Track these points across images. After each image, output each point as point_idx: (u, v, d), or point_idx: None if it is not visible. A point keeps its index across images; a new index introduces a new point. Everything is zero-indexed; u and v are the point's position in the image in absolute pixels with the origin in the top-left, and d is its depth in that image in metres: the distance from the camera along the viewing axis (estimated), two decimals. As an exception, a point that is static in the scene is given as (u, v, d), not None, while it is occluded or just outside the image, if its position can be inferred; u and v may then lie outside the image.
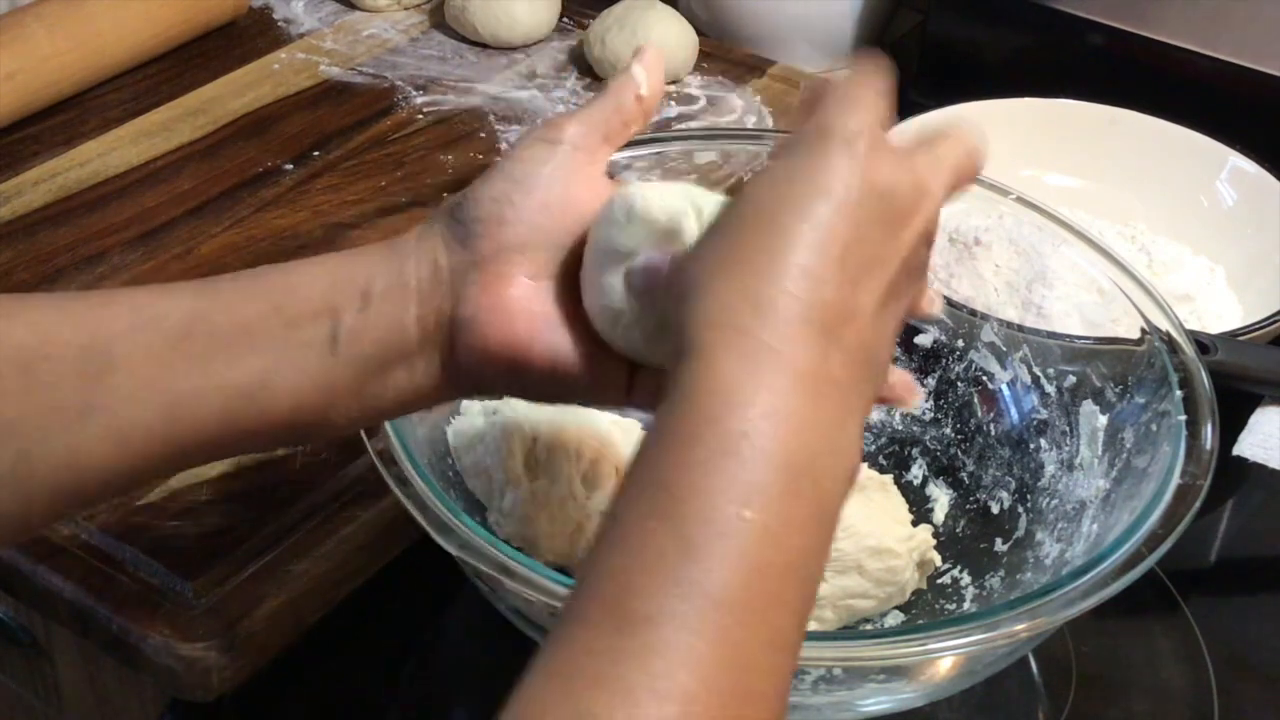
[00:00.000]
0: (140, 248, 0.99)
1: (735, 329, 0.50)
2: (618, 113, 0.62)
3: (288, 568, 0.76)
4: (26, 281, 0.95)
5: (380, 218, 1.02)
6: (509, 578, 0.61)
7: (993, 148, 1.04)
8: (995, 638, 0.62)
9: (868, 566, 0.75)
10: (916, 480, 0.85)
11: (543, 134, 0.61)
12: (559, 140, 0.60)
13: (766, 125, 1.13)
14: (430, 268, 0.59)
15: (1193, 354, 0.73)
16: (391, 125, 1.12)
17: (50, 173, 1.05)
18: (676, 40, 1.17)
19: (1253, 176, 1.03)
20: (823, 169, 0.53)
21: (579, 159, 0.60)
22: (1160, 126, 1.06)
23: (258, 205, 1.03)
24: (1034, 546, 0.77)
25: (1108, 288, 0.79)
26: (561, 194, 0.59)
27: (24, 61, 1.08)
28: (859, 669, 0.66)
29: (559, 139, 0.60)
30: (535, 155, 0.60)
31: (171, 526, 0.78)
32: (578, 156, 0.60)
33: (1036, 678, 0.78)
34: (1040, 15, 1.17)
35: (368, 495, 0.80)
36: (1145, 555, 0.64)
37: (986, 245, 0.90)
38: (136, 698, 0.82)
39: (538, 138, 0.60)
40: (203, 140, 1.09)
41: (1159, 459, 0.70)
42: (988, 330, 0.84)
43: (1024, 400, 0.82)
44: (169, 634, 0.73)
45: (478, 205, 0.59)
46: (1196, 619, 0.81)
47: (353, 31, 1.23)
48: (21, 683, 0.90)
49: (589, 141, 0.61)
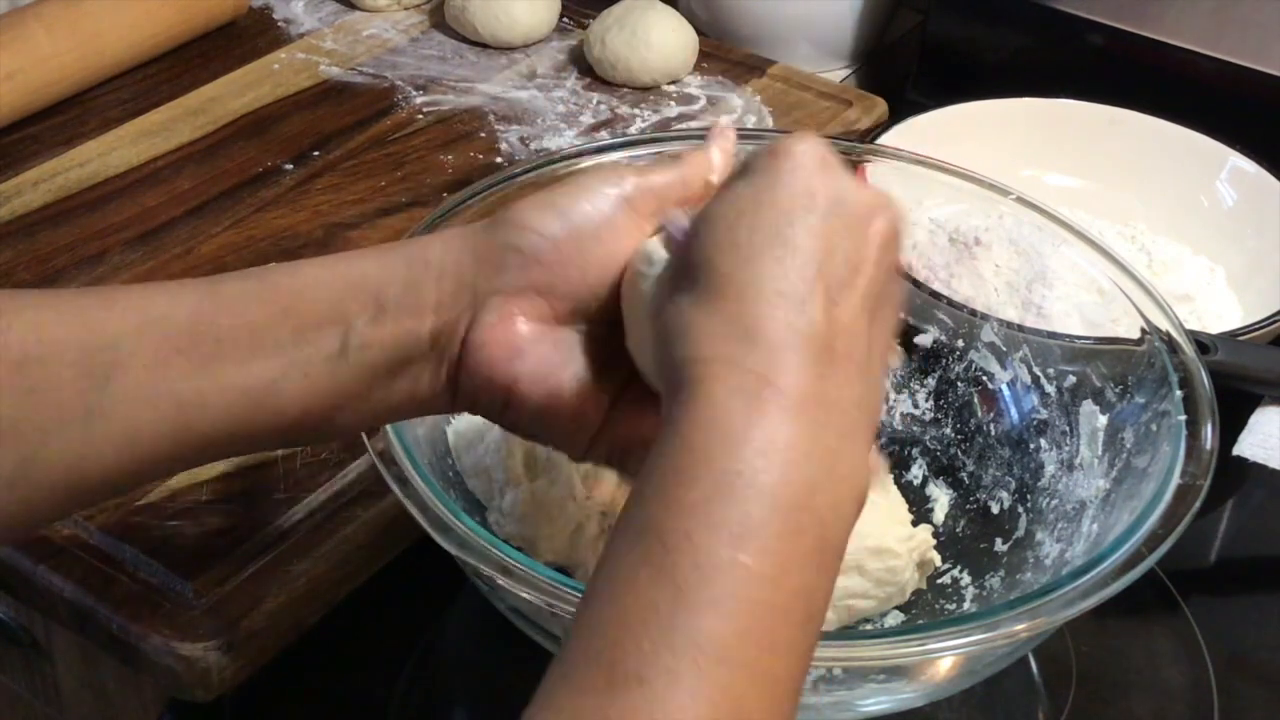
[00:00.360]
0: (140, 248, 0.99)
1: (723, 362, 0.50)
2: (683, 188, 0.61)
3: (288, 568, 0.76)
4: (26, 281, 0.95)
5: (380, 218, 1.02)
6: (509, 578, 0.61)
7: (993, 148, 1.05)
8: (995, 638, 0.62)
9: (868, 566, 0.75)
10: (916, 480, 0.85)
11: (606, 179, 0.60)
12: (618, 192, 0.59)
13: (766, 125, 1.13)
14: (454, 283, 0.58)
15: (1193, 354, 0.73)
16: (391, 125, 1.12)
17: (50, 173, 1.05)
18: (676, 40, 1.17)
19: (1253, 176, 1.03)
20: (780, 189, 0.53)
21: (628, 218, 0.59)
22: (1160, 126, 1.06)
23: (258, 205, 1.03)
24: (1034, 546, 0.77)
25: (1108, 288, 0.79)
26: (602, 252, 0.59)
27: (24, 61, 1.08)
28: (859, 669, 0.66)
29: (619, 191, 0.59)
30: (591, 200, 0.59)
31: (171, 526, 0.78)
32: (629, 215, 0.59)
33: (1036, 678, 0.78)
34: (1040, 15, 1.17)
35: (368, 495, 0.80)
36: (1145, 555, 0.64)
37: (986, 245, 0.90)
38: (136, 698, 0.82)
39: (600, 182, 0.59)
40: (203, 140, 1.09)
41: (1159, 459, 0.70)
42: (988, 330, 0.84)
43: (1024, 400, 0.82)
44: (169, 634, 0.73)
45: (521, 234, 0.58)
46: (1196, 619, 0.81)
47: (353, 31, 1.23)
48: (21, 683, 0.90)
49: (644, 204, 0.60)
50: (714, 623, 0.45)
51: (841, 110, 1.15)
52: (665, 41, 1.16)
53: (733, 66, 1.20)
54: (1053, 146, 1.07)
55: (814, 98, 1.16)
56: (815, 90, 1.17)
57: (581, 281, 0.59)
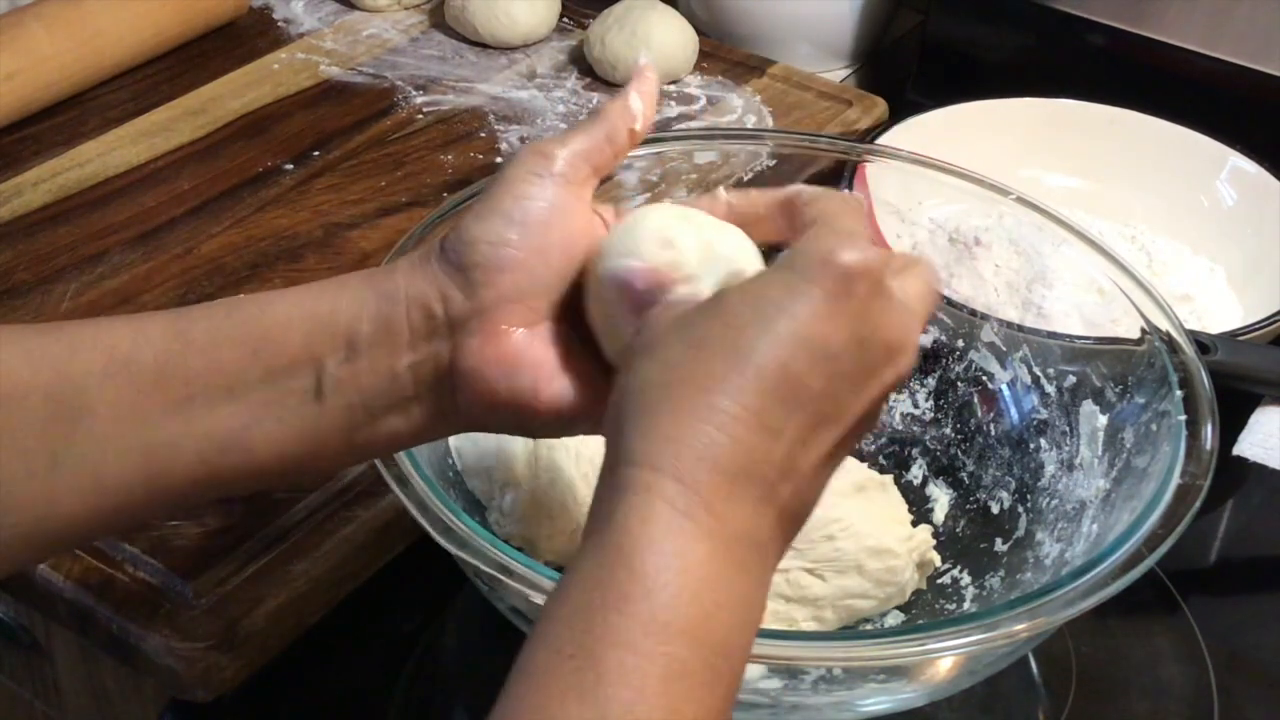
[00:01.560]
0: (140, 248, 0.99)
1: (676, 477, 0.48)
2: (609, 144, 0.59)
3: (288, 568, 0.76)
4: (26, 281, 0.95)
5: (380, 218, 1.02)
6: (509, 577, 0.61)
7: (993, 148, 1.05)
8: (995, 638, 0.62)
9: (868, 566, 0.75)
10: (916, 480, 0.85)
11: (533, 166, 0.58)
12: (550, 173, 0.57)
13: (766, 125, 1.13)
14: (423, 313, 0.56)
15: (1193, 354, 0.73)
16: (391, 125, 1.12)
17: (50, 173, 1.05)
18: (676, 40, 1.17)
19: (1253, 176, 1.03)
20: (813, 308, 0.50)
21: (570, 193, 0.58)
22: (1160, 126, 1.06)
23: (258, 205, 1.03)
24: (1034, 546, 0.77)
25: (1108, 288, 0.79)
26: (558, 237, 0.57)
27: (24, 61, 1.08)
28: (859, 669, 0.66)
29: (549, 171, 0.57)
30: (528, 192, 0.57)
31: (171, 526, 0.78)
32: (569, 190, 0.58)
33: (1036, 678, 0.78)
34: (1040, 15, 1.17)
35: (368, 495, 0.80)
36: (1145, 555, 0.64)
37: (986, 245, 0.90)
38: (136, 698, 0.82)
39: (529, 170, 0.57)
40: (203, 140, 1.09)
41: (1159, 459, 0.70)
42: (988, 330, 0.84)
43: (1024, 400, 0.82)
44: (169, 634, 0.73)
45: (474, 250, 0.56)
46: (1196, 619, 0.81)
47: (353, 31, 1.23)
48: (21, 683, 0.90)
49: (579, 174, 0.58)
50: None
51: (841, 110, 1.15)
52: (665, 41, 1.16)
53: (733, 66, 1.20)
54: (1053, 146, 1.07)
55: (814, 98, 1.16)
56: (815, 90, 1.17)
57: (549, 273, 0.57)
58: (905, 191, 0.90)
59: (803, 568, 0.75)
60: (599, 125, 0.59)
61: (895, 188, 0.90)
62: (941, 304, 0.86)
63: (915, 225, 0.92)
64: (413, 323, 0.56)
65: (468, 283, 0.56)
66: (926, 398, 0.86)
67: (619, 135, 0.59)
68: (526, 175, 0.57)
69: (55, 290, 0.95)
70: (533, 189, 0.57)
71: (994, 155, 0.99)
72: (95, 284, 0.95)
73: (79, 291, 0.95)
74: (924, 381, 0.86)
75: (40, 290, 0.95)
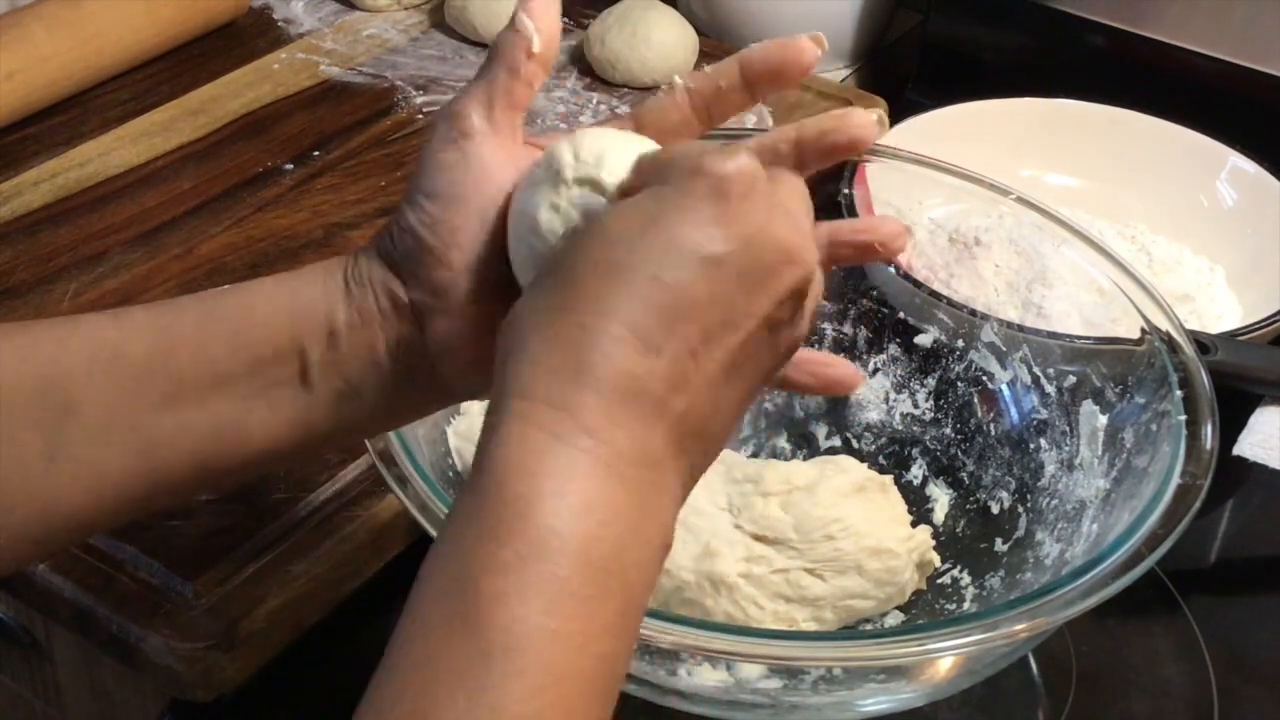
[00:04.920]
0: (140, 248, 0.99)
1: (551, 403, 0.47)
2: (513, 77, 0.56)
3: (288, 568, 0.76)
4: (26, 281, 0.95)
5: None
6: (509, 578, 0.61)
7: (993, 148, 1.05)
8: (995, 638, 0.62)
9: (867, 567, 0.75)
10: (916, 480, 0.85)
11: (449, 134, 0.56)
12: (469, 134, 0.55)
13: (766, 125, 1.13)
14: (389, 299, 0.56)
15: (1193, 354, 0.73)
16: (391, 125, 1.12)
17: (50, 173, 1.05)
18: (676, 40, 1.17)
19: (1253, 176, 1.03)
20: (682, 214, 0.48)
21: (493, 144, 0.55)
22: (1160, 126, 1.06)
23: (258, 205, 1.03)
24: (1034, 546, 0.77)
25: (1108, 288, 0.79)
26: (494, 193, 0.55)
27: (24, 61, 1.08)
28: (859, 669, 0.66)
29: (469, 133, 0.55)
30: (451, 160, 0.55)
31: (171, 526, 0.78)
32: (493, 141, 0.55)
33: (1036, 678, 0.78)
34: (1040, 15, 1.17)
35: (368, 495, 0.80)
36: (1145, 555, 0.64)
37: (986, 245, 0.90)
38: (136, 698, 0.82)
39: (448, 140, 0.56)
40: (203, 140, 1.09)
41: (1159, 459, 0.70)
42: (988, 330, 0.84)
43: (1024, 400, 0.82)
44: (169, 634, 0.73)
45: (414, 236, 0.55)
46: (1196, 619, 0.81)
47: (353, 31, 1.23)
48: (21, 683, 0.90)
49: (498, 121, 0.56)
50: (518, 689, 0.44)
51: (841, 110, 1.15)
52: (665, 41, 1.16)
53: (733, 66, 1.20)
54: (1053, 146, 1.08)
55: (814, 98, 1.16)
56: (815, 90, 1.17)
57: (496, 230, 0.55)
58: (905, 191, 0.90)
59: (803, 568, 0.75)
60: (496, 63, 0.56)
61: (895, 187, 0.90)
62: (941, 304, 0.86)
63: (915, 225, 0.92)
64: (382, 308, 0.56)
65: (419, 266, 0.56)
66: (926, 398, 0.86)
67: (518, 64, 0.56)
68: (443, 145, 0.56)
69: (55, 290, 0.95)
70: (452, 156, 0.55)
71: (994, 155, 0.99)
72: (95, 284, 0.95)
73: (79, 291, 0.95)
74: (924, 381, 0.86)
75: (40, 290, 0.95)
